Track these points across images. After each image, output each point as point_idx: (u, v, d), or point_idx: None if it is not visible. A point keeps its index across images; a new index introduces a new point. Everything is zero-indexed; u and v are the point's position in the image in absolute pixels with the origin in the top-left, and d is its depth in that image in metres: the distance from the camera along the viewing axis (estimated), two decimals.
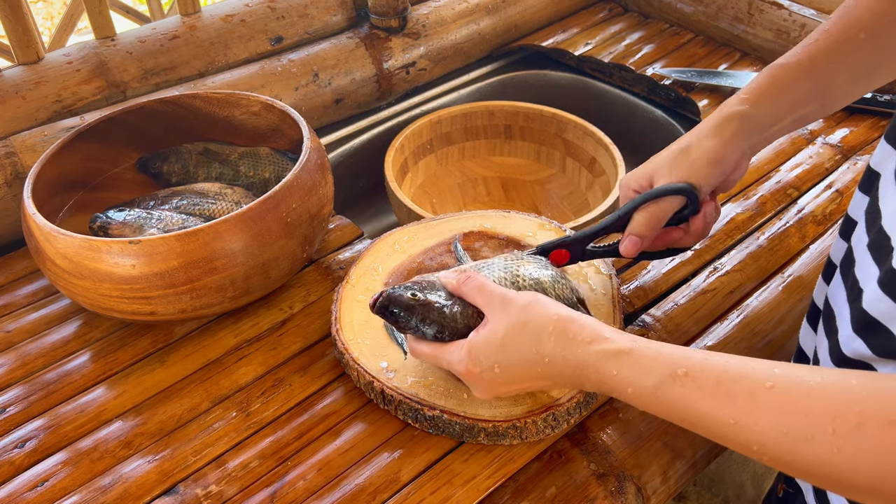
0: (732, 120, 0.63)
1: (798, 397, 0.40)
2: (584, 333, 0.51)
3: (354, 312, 0.68)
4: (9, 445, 0.63)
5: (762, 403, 0.41)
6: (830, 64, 0.61)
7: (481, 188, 1.12)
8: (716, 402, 0.43)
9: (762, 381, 0.41)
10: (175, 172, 0.84)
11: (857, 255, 0.53)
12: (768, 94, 0.63)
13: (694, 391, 0.44)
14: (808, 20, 1.06)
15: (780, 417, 0.40)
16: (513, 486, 0.59)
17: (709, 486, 1.37)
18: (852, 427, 0.37)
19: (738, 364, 0.44)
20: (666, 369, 0.46)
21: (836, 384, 0.39)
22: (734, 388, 0.43)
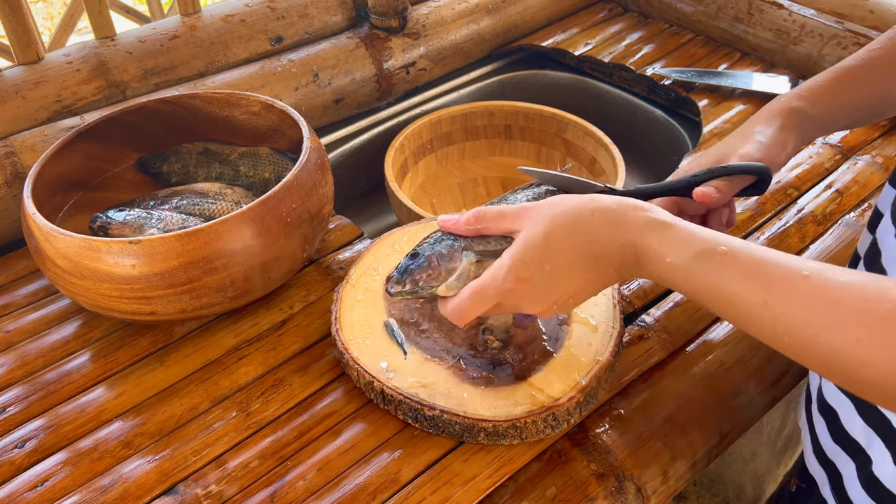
0: (795, 115, 0.63)
1: (831, 287, 0.41)
2: (626, 203, 0.50)
3: (354, 312, 0.68)
4: (9, 445, 0.63)
5: (795, 288, 0.42)
6: (891, 70, 0.62)
7: (481, 188, 1.12)
8: (751, 281, 0.44)
9: (798, 269, 0.43)
10: (175, 172, 0.84)
11: (882, 247, 0.53)
12: (830, 95, 0.64)
13: (732, 268, 0.45)
14: (808, 20, 1.06)
15: (810, 302, 0.41)
16: (513, 486, 0.59)
17: (709, 486, 1.37)
18: (877, 319, 0.38)
19: (776, 254, 0.45)
20: (707, 244, 0.46)
21: (870, 280, 0.40)
22: (770, 270, 0.43)
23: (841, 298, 0.40)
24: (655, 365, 0.67)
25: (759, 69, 1.09)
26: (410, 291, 0.56)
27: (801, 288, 0.42)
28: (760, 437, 1.17)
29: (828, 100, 0.64)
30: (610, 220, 0.50)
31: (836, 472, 0.56)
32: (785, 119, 0.63)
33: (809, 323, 0.41)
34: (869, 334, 0.38)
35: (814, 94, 0.64)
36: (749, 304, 0.44)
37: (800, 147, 0.65)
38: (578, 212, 0.51)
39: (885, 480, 0.50)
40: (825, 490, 0.58)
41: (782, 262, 0.43)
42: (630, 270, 0.51)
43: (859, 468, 0.53)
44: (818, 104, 0.64)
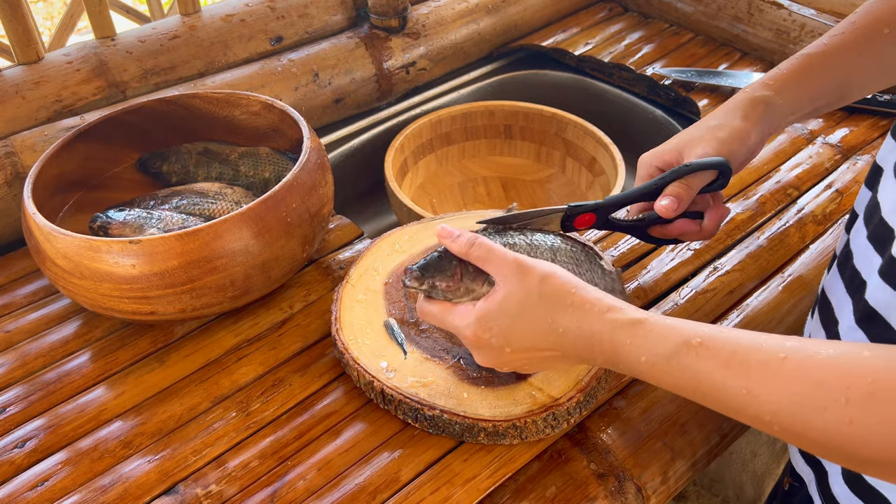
0: (758, 104, 0.63)
1: (811, 368, 0.40)
2: (601, 305, 0.50)
3: (354, 312, 0.68)
4: (9, 445, 0.63)
5: (775, 373, 0.41)
6: (854, 56, 0.62)
7: (481, 188, 1.12)
8: (730, 371, 0.43)
9: (775, 352, 0.42)
10: (175, 172, 0.84)
11: (854, 247, 0.53)
12: (793, 82, 0.64)
13: (708, 360, 0.44)
14: (807, 20, 1.06)
15: (793, 387, 0.40)
16: (513, 485, 0.59)
17: (709, 486, 1.37)
18: (864, 396, 0.37)
19: (751, 337, 0.44)
20: (681, 338, 0.46)
21: (848, 355, 0.39)
22: (748, 358, 0.43)
23: (823, 379, 0.39)
24: None
25: (759, 69, 1.09)
26: (425, 291, 0.57)
27: (781, 373, 0.41)
28: (760, 437, 1.17)
29: (793, 87, 0.64)
30: (581, 318, 0.50)
31: (822, 470, 0.56)
32: (748, 110, 0.63)
33: (796, 409, 0.40)
34: (860, 413, 0.37)
35: (778, 82, 0.64)
36: (733, 395, 0.43)
37: (766, 136, 0.65)
38: (556, 302, 0.51)
39: (867, 476, 0.51)
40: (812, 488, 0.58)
41: (758, 346, 0.43)
42: (602, 364, 0.51)
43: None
44: (783, 92, 0.64)
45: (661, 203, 0.62)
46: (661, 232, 0.68)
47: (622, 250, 0.79)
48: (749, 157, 0.65)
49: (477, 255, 0.55)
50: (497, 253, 0.54)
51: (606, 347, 0.49)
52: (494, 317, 0.53)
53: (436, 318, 0.57)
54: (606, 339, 0.49)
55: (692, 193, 0.63)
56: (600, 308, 0.50)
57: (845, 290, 0.54)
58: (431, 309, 0.57)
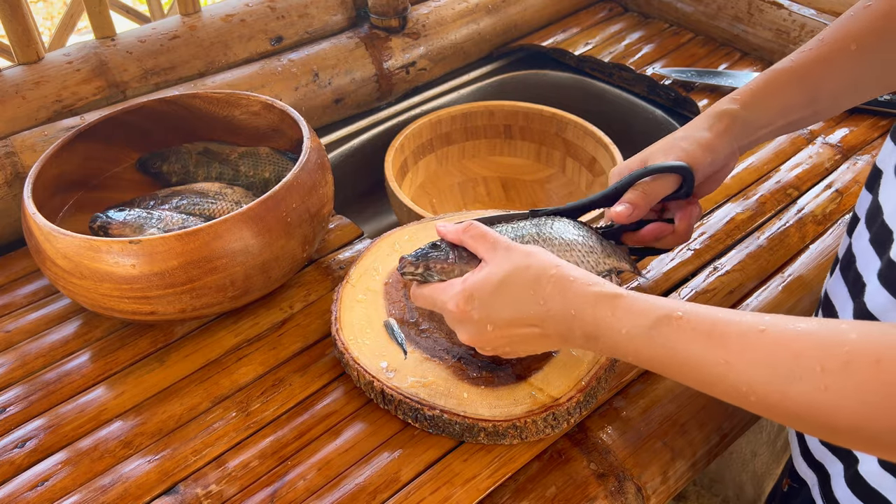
0: (724, 117, 0.64)
1: (788, 339, 0.41)
2: (583, 279, 0.51)
3: (354, 312, 0.68)
4: (9, 445, 0.63)
5: (753, 344, 0.42)
6: (822, 72, 0.62)
7: (481, 188, 1.12)
8: (710, 342, 0.44)
9: (754, 325, 0.43)
10: (175, 172, 0.84)
11: (857, 251, 0.53)
12: (760, 96, 0.64)
13: (689, 331, 0.45)
14: (807, 20, 1.06)
15: (771, 357, 0.41)
16: (513, 485, 0.59)
17: (709, 486, 1.37)
18: (840, 365, 0.38)
19: (730, 312, 0.45)
20: (662, 311, 0.47)
21: (825, 327, 0.40)
22: (727, 329, 0.43)
23: (800, 349, 0.40)
24: None
25: (759, 69, 1.09)
26: (420, 275, 0.58)
27: (759, 344, 0.42)
28: (760, 437, 1.17)
29: (759, 101, 0.64)
30: (564, 290, 0.51)
31: (824, 473, 0.57)
32: (712, 121, 0.64)
33: (772, 378, 0.41)
34: (835, 381, 0.38)
35: (745, 96, 0.64)
36: (711, 365, 0.44)
37: (736, 149, 0.65)
38: (539, 273, 0.52)
39: (869, 479, 0.51)
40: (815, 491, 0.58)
41: (738, 320, 0.44)
42: (581, 343, 0.51)
43: (846, 467, 0.54)
44: (749, 106, 0.64)
45: (616, 209, 0.62)
46: (634, 239, 0.67)
47: None
48: (716, 168, 0.65)
49: (470, 235, 0.56)
50: (488, 235, 0.55)
51: (587, 321, 0.50)
52: (479, 287, 0.53)
53: (427, 299, 0.57)
54: (588, 312, 0.49)
55: (649, 200, 0.63)
56: (583, 282, 0.51)
57: (848, 294, 0.54)
58: (423, 291, 0.58)
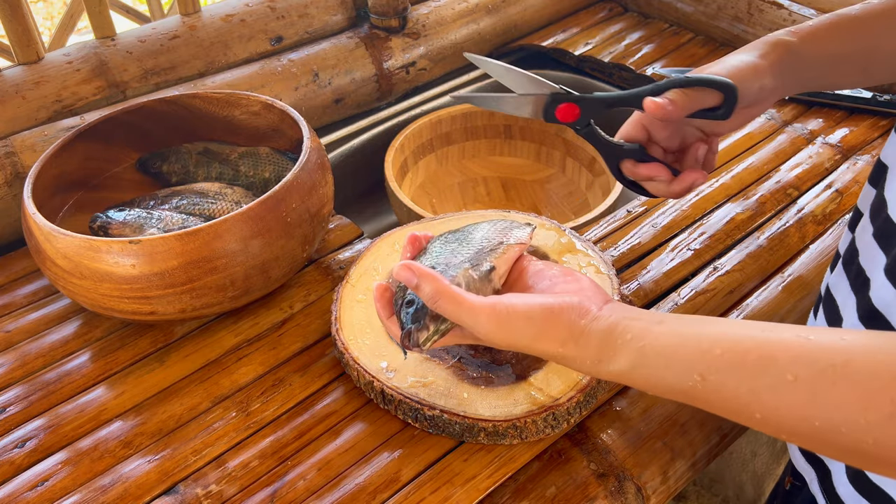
0: (778, 47, 0.61)
1: (823, 390, 0.38)
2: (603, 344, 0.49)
3: (354, 312, 0.68)
4: (9, 445, 0.63)
5: (787, 402, 0.40)
6: (886, 24, 0.60)
7: (481, 188, 1.12)
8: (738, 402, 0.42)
9: (782, 373, 0.40)
10: (175, 172, 0.84)
11: (860, 246, 0.53)
12: (819, 36, 0.62)
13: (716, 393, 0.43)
14: (807, 20, 1.06)
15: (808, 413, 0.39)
16: (513, 485, 0.59)
17: (709, 486, 1.37)
18: (885, 417, 0.36)
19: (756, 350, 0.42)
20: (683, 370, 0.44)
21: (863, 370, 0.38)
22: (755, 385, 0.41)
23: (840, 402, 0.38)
24: None
25: None
26: (436, 331, 0.53)
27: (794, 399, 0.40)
28: (760, 437, 1.17)
29: (818, 39, 0.61)
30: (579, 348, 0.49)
31: (824, 469, 0.56)
32: (767, 49, 0.61)
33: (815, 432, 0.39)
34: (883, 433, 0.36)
35: (803, 31, 0.62)
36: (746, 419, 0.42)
37: (784, 86, 0.62)
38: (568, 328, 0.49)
39: (872, 475, 0.51)
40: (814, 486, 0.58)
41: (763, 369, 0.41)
42: None
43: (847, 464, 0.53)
44: (807, 41, 0.61)
45: (654, 100, 0.57)
46: (631, 170, 0.63)
47: (622, 250, 0.79)
48: (758, 99, 0.61)
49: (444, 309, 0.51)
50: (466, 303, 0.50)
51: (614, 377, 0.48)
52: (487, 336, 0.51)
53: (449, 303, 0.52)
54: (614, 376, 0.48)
55: (689, 106, 0.58)
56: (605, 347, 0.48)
57: (850, 288, 0.53)
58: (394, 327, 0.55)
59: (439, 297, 0.51)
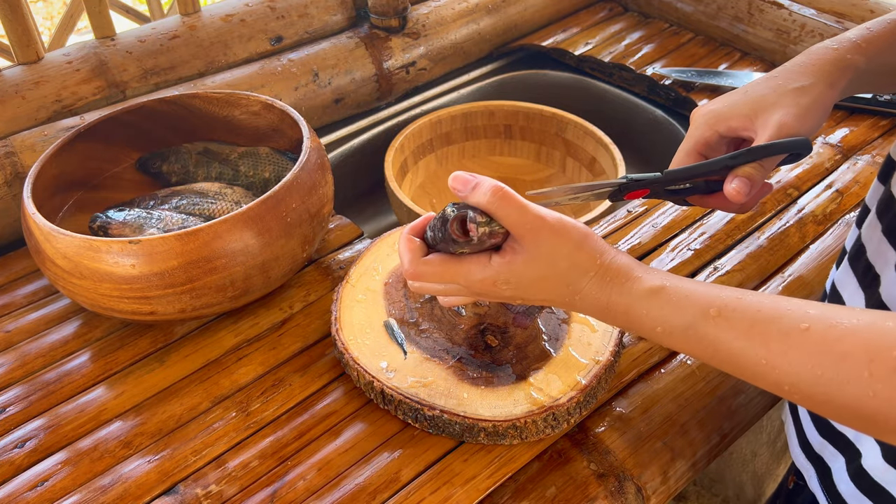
0: (848, 70, 0.57)
1: (833, 340, 0.39)
2: (623, 274, 0.49)
3: (354, 312, 0.68)
4: (9, 445, 0.63)
5: (796, 345, 0.40)
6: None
7: None
8: (748, 342, 0.43)
9: (796, 322, 0.41)
10: (175, 172, 0.84)
11: (868, 242, 0.52)
12: (883, 48, 0.58)
13: (726, 331, 0.44)
14: (808, 20, 1.06)
15: (815, 360, 0.40)
16: (513, 485, 0.59)
17: (709, 486, 1.37)
18: (889, 371, 0.37)
19: (772, 304, 0.43)
20: (697, 308, 0.45)
21: (871, 326, 0.39)
22: (768, 328, 0.42)
23: (846, 351, 0.38)
24: (655, 365, 0.67)
25: (759, 69, 1.09)
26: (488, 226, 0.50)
27: (802, 345, 0.40)
28: (760, 437, 1.17)
29: (882, 53, 0.58)
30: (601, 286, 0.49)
31: (824, 466, 0.56)
32: (837, 76, 0.56)
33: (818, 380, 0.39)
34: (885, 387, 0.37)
35: (872, 47, 0.57)
36: (751, 364, 0.43)
37: None
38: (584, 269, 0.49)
39: (874, 474, 0.51)
40: (812, 483, 0.58)
41: (778, 315, 0.42)
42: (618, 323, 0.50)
43: (848, 462, 0.53)
44: (873, 59, 0.57)
45: (732, 186, 0.55)
46: (700, 201, 0.61)
47: (622, 250, 0.79)
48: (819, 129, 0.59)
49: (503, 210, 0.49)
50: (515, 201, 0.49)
51: (620, 316, 0.49)
52: (515, 274, 0.50)
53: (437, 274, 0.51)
54: (622, 310, 0.49)
55: (766, 175, 0.56)
56: (622, 278, 0.49)
57: (858, 284, 0.53)
58: (429, 269, 0.51)
59: (502, 199, 0.48)
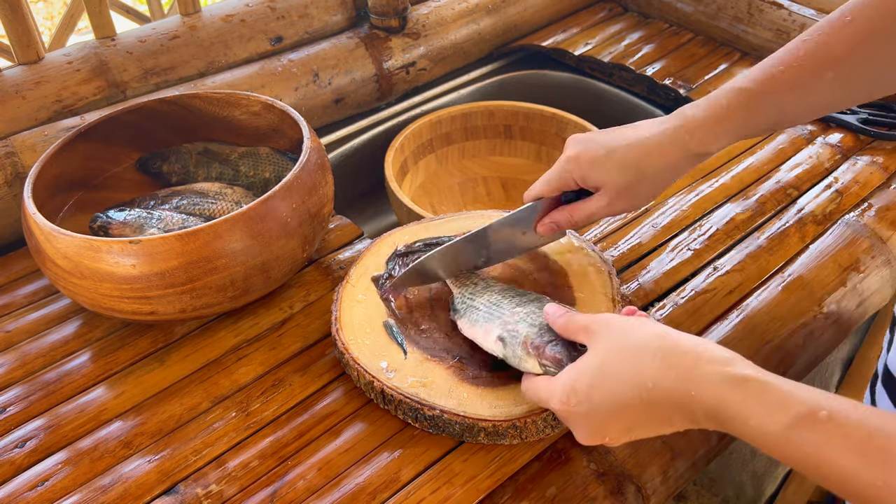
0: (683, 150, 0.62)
1: None
2: (699, 351, 0.45)
3: (354, 312, 0.68)
4: (9, 445, 0.63)
5: None
6: (793, 99, 0.59)
7: (481, 188, 1.12)
8: (864, 457, 0.37)
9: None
10: (175, 172, 0.84)
11: None
12: (718, 127, 0.61)
13: (838, 438, 0.38)
14: (807, 20, 1.06)
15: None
16: (513, 485, 0.59)
17: (709, 486, 1.37)
18: None
19: (887, 415, 0.38)
20: (804, 407, 0.40)
21: None
22: (889, 444, 0.37)
23: None
24: None
25: None
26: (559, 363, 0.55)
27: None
28: None
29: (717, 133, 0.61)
30: (676, 369, 0.45)
31: None
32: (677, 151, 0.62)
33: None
34: None
35: (706, 126, 0.61)
36: (862, 485, 0.37)
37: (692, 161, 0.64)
38: (642, 350, 0.47)
39: None
40: None
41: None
42: (703, 423, 0.45)
43: None
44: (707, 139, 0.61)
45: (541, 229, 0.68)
46: None
47: (622, 250, 0.79)
48: None
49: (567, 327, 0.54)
50: (579, 319, 0.53)
51: (709, 404, 0.43)
52: (577, 378, 0.50)
53: (534, 395, 0.56)
54: (710, 395, 0.43)
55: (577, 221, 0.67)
56: (700, 356, 0.45)
57: None
58: (529, 386, 0.56)
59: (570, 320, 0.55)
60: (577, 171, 0.64)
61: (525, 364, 0.58)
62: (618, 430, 0.49)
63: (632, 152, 0.63)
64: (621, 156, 0.63)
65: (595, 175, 0.64)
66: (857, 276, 0.78)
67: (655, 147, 0.62)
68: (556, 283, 0.70)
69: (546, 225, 0.68)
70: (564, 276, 0.71)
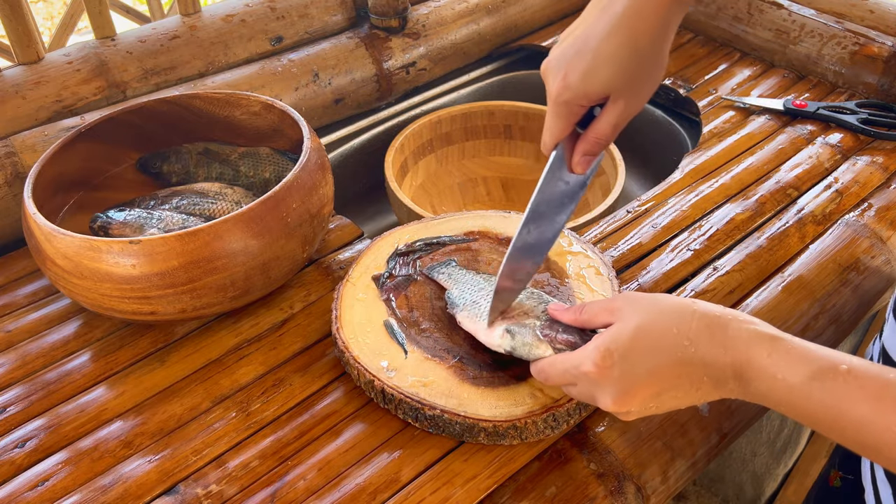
0: None
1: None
2: (732, 314, 0.47)
3: (355, 311, 0.68)
4: (9, 445, 0.63)
5: None
6: None
7: (481, 188, 1.12)
8: (879, 404, 0.39)
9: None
10: (175, 172, 0.84)
11: None
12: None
13: (856, 389, 0.40)
14: (807, 20, 1.06)
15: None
16: (513, 485, 0.59)
17: (709, 486, 1.38)
18: None
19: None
20: (826, 361, 0.42)
21: None
22: None
23: None
24: None
25: (759, 69, 1.09)
26: None
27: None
28: (760, 437, 1.17)
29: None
30: (712, 327, 0.46)
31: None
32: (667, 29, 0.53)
33: None
34: None
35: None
36: (877, 431, 0.39)
37: None
38: (679, 312, 0.48)
39: None
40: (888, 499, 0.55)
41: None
42: (729, 387, 0.47)
43: None
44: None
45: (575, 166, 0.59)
46: None
47: (622, 251, 0.79)
48: None
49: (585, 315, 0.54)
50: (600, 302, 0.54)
51: (741, 360, 0.45)
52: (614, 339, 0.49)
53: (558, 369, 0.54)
54: (742, 350, 0.45)
55: None
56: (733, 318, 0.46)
57: None
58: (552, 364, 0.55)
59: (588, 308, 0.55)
60: (574, 96, 0.56)
61: (536, 351, 0.58)
62: (647, 394, 0.49)
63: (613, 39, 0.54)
64: (606, 49, 0.54)
65: (595, 86, 0.55)
66: (857, 276, 0.78)
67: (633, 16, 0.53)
68: (556, 284, 0.70)
69: (579, 161, 0.59)
70: (564, 277, 0.71)
